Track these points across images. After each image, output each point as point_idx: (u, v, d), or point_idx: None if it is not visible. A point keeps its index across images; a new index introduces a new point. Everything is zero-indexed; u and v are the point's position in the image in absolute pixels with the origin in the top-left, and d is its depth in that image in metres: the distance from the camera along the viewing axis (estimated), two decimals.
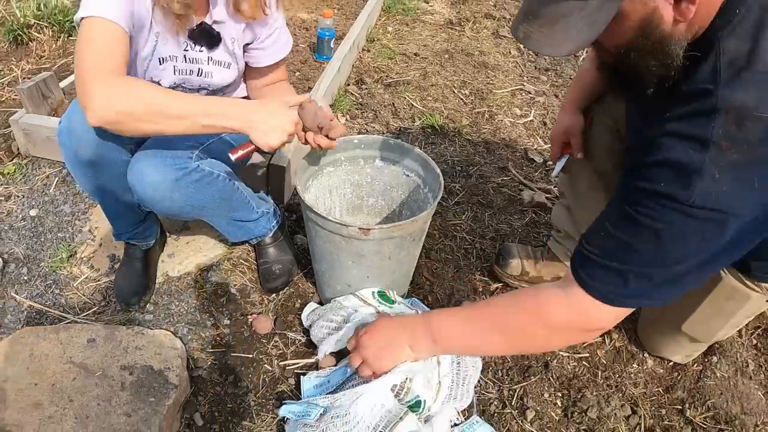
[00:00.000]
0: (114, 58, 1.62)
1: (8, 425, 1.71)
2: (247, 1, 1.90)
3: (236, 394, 1.97)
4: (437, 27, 4.83)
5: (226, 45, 2.01)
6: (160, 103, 1.60)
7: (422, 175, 2.13)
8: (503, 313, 1.66)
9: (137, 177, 1.79)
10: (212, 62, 2.02)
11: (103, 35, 1.63)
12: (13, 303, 2.23)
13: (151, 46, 1.88)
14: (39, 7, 4.14)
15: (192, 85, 2.06)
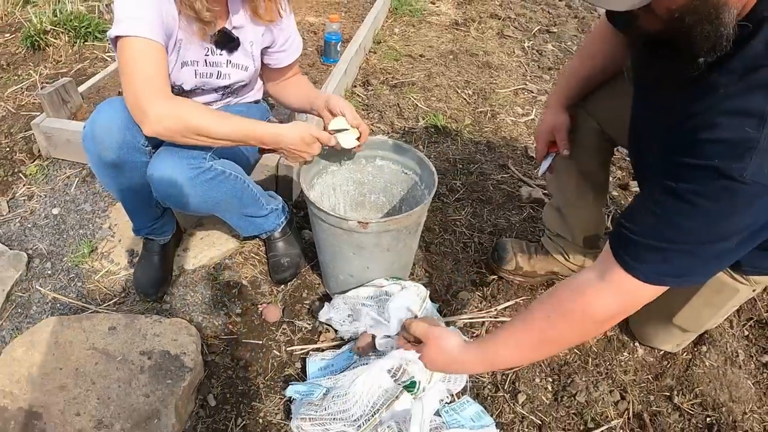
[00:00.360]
0: (160, 77, 1.76)
1: (35, 406, 1.81)
2: (264, 5, 2.01)
3: (247, 378, 2.07)
4: (443, 28, 4.89)
5: (245, 48, 2.12)
6: (205, 126, 1.77)
7: (419, 172, 2.23)
8: (550, 326, 1.54)
9: (156, 175, 1.90)
10: (231, 65, 2.13)
11: (144, 54, 1.74)
12: (38, 295, 2.34)
13: (175, 52, 1.98)
14: (55, 13, 4.22)
15: (210, 86, 2.16)
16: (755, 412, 2.09)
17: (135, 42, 1.73)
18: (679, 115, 1.40)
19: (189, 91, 2.13)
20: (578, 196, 2.25)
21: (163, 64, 1.78)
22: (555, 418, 2.02)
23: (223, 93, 2.24)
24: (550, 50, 4.71)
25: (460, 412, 1.91)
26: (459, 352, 1.71)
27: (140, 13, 1.74)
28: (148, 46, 1.74)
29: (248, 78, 2.23)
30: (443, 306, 2.36)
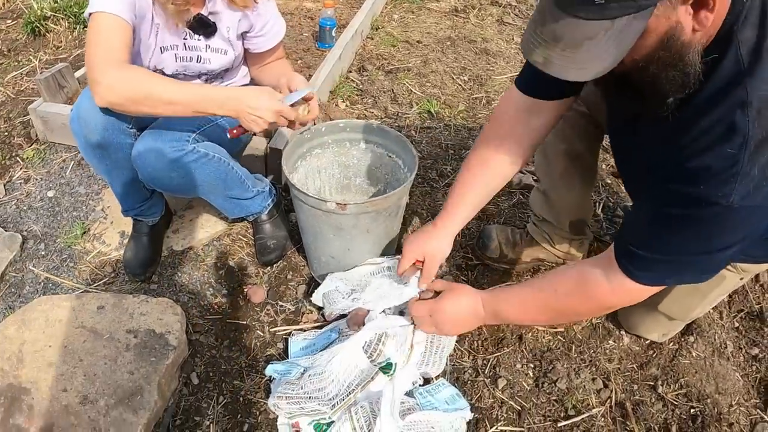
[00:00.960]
0: (118, 48, 1.79)
1: (24, 382, 1.86)
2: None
3: (230, 357, 2.10)
4: (442, 14, 4.88)
5: (222, 33, 2.15)
6: (157, 90, 1.76)
7: (402, 156, 2.25)
8: (556, 299, 1.68)
9: (140, 158, 1.95)
10: (210, 50, 2.16)
11: (108, 28, 1.79)
12: (31, 275, 2.39)
13: (153, 36, 2.03)
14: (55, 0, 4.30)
15: (193, 71, 2.20)
16: (742, 405, 2.08)
17: (101, 17, 1.79)
18: (661, 146, 1.43)
19: (171, 75, 2.17)
20: (565, 179, 2.24)
21: (124, 39, 1.82)
22: (535, 404, 2.03)
23: (206, 78, 2.27)
24: None
25: (434, 394, 1.93)
26: (472, 304, 1.84)
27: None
28: (112, 21, 1.80)
29: (229, 63, 2.25)
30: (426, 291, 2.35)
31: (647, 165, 1.51)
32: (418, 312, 1.93)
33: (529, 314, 1.80)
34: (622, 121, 1.69)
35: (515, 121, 1.90)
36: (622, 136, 1.74)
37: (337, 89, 3.59)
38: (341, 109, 3.40)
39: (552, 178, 2.29)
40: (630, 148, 1.67)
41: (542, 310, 1.76)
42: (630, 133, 1.62)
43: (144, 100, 1.76)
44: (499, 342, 2.21)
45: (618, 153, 1.84)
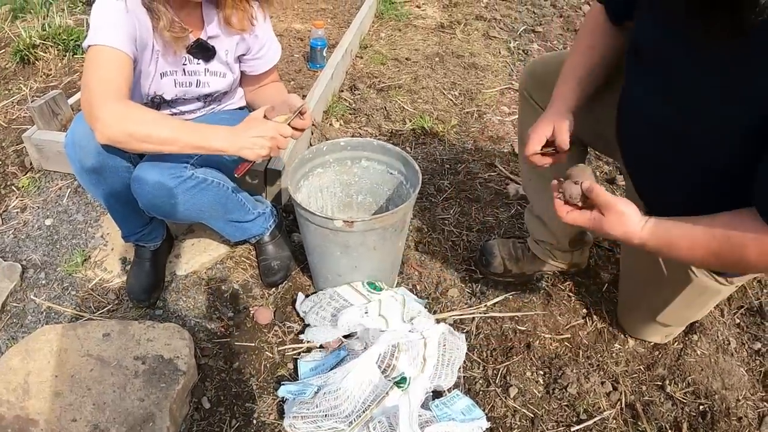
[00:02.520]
0: (118, 84, 1.77)
1: (32, 414, 1.83)
2: (236, 15, 2.05)
3: (240, 379, 2.09)
4: (429, 31, 4.91)
5: (221, 57, 2.15)
6: (155, 129, 1.76)
7: (404, 172, 2.26)
8: (729, 249, 1.44)
9: (139, 186, 1.95)
10: (209, 73, 2.16)
11: (108, 62, 1.78)
12: (33, 305, 2.37)
13: (153, 64, 2.03)
14: (44, 27, 4.24)
15: (191, 95, 2.20)
16: (749, 399, 2.10)
17: (101, 50, 1.78)
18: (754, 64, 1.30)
19: (171, 100, 2.18)
20: None
21: (124, 73, 1.81)
22: (547, 411, 2.04)
23: (205, 101, 2.28)
24: (536, 49, 4.74)
25: (450, 405, 1.94)
26: (637, 229, 1.56)
27: (110, 23, 1.80)
28: (113, 54, 1.79)
29: (228, 86, 2.26)
30: (432, 303, 2.38)
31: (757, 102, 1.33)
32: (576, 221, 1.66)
33: (696, 258, 1.55)
34: (684, 54, 1.49)
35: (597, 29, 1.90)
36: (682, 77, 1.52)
37: (330, 109, 3.60)
38: (336, 128, 3.41)
39: (544, 202, 2.26)
40: (698, 83, 1.48)
41: (712, 257, 1.50)
42: (699, 66, 1.45)
43: (143, 138, 1.75)
44: (508, 351, 2.22)
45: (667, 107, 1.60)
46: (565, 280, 2.52)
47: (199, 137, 1.80)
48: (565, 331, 2.31)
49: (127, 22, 1.83)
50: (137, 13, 1.87)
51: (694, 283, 1.85)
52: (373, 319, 2.09)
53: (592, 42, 1.89)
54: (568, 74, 1.89)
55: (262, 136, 1.85)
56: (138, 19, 1.88)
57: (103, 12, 1.83)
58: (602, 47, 1.88)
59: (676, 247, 1.52)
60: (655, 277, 1.96)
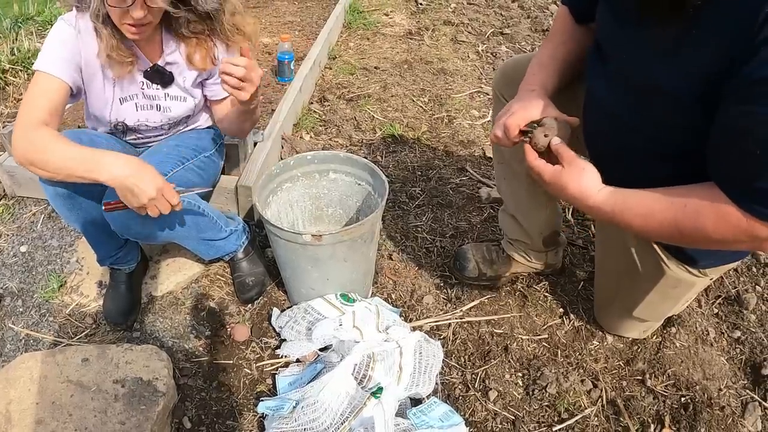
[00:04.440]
0: (42, 110, 1.82)
1: None
2: (198, 53, 2.08)
3: (220, 398, 2.10)
4: (397, 38, 4.93)
5: (178, 84, 2.16)
6: (51, 157, 1.76)
7: (372, 182, 2.28)
8: (683, 215, 1.43)
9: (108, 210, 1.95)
10: (169, 98, 2.17)
11: (40, 88, 1.85)
12: (11, 333, 2.36)
13: (110, 89, 2.06)
14: (13, 52, 4.23)
15: (155, 120, 2.21)
16: (731, 388, 2.13)
17: (39, 76, 1.85)
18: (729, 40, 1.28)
19: (134, 127, 2.20)
20: (531, 201, 2.26)
21: (55, 100, 1.86)
22: (528, 412, 2.05)
23: (170, 125, 2.29)
24: (504, 52, 4.78)
25: (428, 413, 1.95)
26: (594, 189, 1.57)
27: (53, 50, 1.87)
28: (47, 81, 1.85)
29: (190, 110, 2.26)
30: (407, 311, 2.40)
31: (703, 77, 1.35)
32: (540, 171, 1.64)
33: (651, 226, 1.51)
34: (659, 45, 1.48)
35: (567, 27, 1.94)
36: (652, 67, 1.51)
37: (300, 121, 3.61)
38: (306, 141, 3.42)
39: (517, 200, 2.32)
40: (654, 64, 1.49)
41: (668, 226, 1.48)
42: (669, 53, 1.44)
43: (42, 166, 1.78)
44: (485, 355, 2.23)
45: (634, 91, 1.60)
46: (540, 281, 2.54)
47: (87, 169, 1.76)
48: (543, 332, 2.33)
49: (72, 48, 1.89)
50: (86, 39, 1.92)
51: (667, 275, 1.87)
52: (348, 330, 2.10)
53: (564, 38, 1.93)
54: (545, 63, 1.89)
55: (143, 188, 1.75)
56: (86, 45, 1.92)
57: (51, 37, 1.90)
58: (572, 44, 1.91)
59: (631, 213, 1.52)
60: (629, 272, 1.98)
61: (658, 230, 1.51)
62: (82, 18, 1.91)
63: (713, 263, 1.85)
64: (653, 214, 1.49)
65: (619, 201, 1.54)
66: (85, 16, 1.90)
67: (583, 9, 1.85)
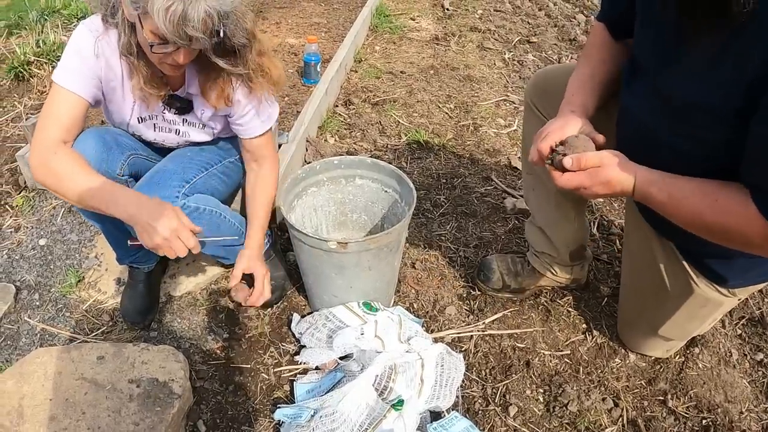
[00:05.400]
0: (61, 128, 1.80)
1: None
2: (213, 91, 1.99)
3: (236, 402, 2.07)
4: (423, 43, 4.93)
5: (196, 114, 2.10)
6: (64, 180, 1.77)
7: (399, 190, 2.26)
8: (711, 210, 1.44)
9: None
10: (187, 124, 2.14)
11: (59, 103, 1.82)
12: (27, 327, 2.35)
13: (129, 106, 2.02)
14: (38, 44, 4.25)
15: (171, 142, 2.19)
16: (752, 411, 2.09)
17: (57, 90, 1.82)
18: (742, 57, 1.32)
19: (150, 142, 2.20)
20: (559, 214, 2.24)
21: (74, 116, 1.84)
22: (548, 429, 2.02)
23: (188, 144, 2.27)
24: (531, 60, 4.75)
25: (448, 428, 1.91)
26: (634, 166, 1.55)
27: (73, 63, 1.83)
28: (66, 97, 1.82)
29: (210, 137, 2.23)
30: (429, 321, 2.37)
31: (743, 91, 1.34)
32: (570, 181, 1.60)
33: (680, 213, 1.52)
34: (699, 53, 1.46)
35: (604, 45, 1.92)
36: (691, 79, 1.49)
37: (325, 124, 3.60)
38: (330, 144, 3.41)
39: (546, 213, 2.29)
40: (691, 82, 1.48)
41: (695, 216, 1.49)
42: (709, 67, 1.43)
43: (53, 186, 1.79)
44: (507, 369, 2.20)
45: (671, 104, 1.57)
46: (564, 296, 2.50)
47: (105, 204, 1.76)
48: (565, 347, 2.29)
49: (92, 63, 1.84)
50: (109, 59, 1.87)
51: (696, 293, 1.84)
52: (369, 340, 2.07)
53: (602, 56, 1.91)
54: (587, 83, 1.88)
55: (157, 228, 1.72)
56: (107, 63, 1.88)
57: (72, 46, 1.84)
58: (610, 61, 1.89)
59: (664, 198, 1.51)
60: (656, 289, 1.95)
61: (685, 216, 1.51)
62: (107, 34, 1.85)
63: (743, 283, 1.82)
64: (687, 199, 1.48)
65: (657, 181, 1.53)
66: (110, 32, 1.85)
67: (621, 25, 1.83)
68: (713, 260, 1.77)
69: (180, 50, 1.72)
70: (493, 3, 6.33)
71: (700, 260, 1.81)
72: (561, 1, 6.44)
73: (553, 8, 6.09)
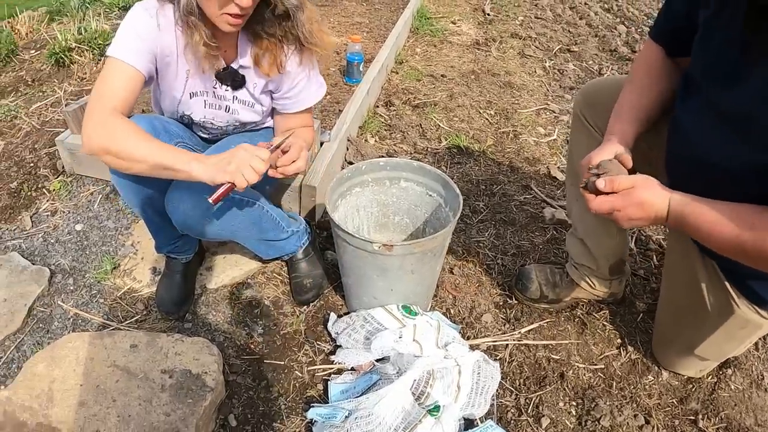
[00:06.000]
0: (117, 99, 1.76)
1: (54, 422, 1.81)
2: (266, 58, 2.01)
3: (268, 398, 2.06)
4: (464, 47, 4.91)
5: (248, 89, 2.11)
6: (131, 146, 1.70)
7: (443, 194, 2.23)
8: (750, 234, 1.41)
9: (173, 206, 1.93)
10: (237, 101, 2.13)
11: (114, 75, 1.78)
12: (60, 311, 2.35)
13: (182, 82, 2.01)
14: (80, 31, 4.28)
15: (221, 120, 2.18)
16: None
17: (113, 62, 1.79)
18: None
19: (199, 123, 2.18)
20: (601, 227, 2.21)
21: (128, 88, 1.80)
22: None
23: (234, 129, 2.27)
24: (572, 70, 4.72)
25: None
26: (667, 191, 1.55)
27: (129, 38, 1.81)
28: (121, 68, 1.78)
29: (258, 116, 2.23)
30: (466, 328, 2.34)
31: None
32: (602, 205, 1.61)
33: (716, 238, 1.49)
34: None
35: (654, 68, 1.90)
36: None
37: (366, 124, 3.59)
38: (371, 144, 3.39)
39: (588, 225, 2.26)
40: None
41: (732, 241, 1.45)
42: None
43: (118, 154, 1.71)
44: (541, 380, 2.18)
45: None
46: (600, 309, 2.47)
47: (171, 159, 1.73)
48: (599, 361, 2.26)
49: (150, 39, 1.84)
50: (166, 32, 1.87)
51: (736, 314, 1.82)
52: (407, 344, 2.05)
53: (650, 80, 1.88)
54: (627, 112, 1.86)
55: (228, 157, 1.75)
56: (165, 37, 1.87)
57: (129, 24, 1.83)
58: (658, 87, 1.87)
59: (703, 218, 1.49)
60: (695, 308, 1.93)
61: (722, 240, 1.48)
62: (163, 9, 1.86)
63: None
64: (722, 224, 1.46)
65: (691, 203, 1.51)
66: (166, 6, 1.85)
67: (677, 42, 1.81)
68: (756, 281, 1.74)
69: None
70: (534, 10, 6.32)
71: (742, 281, 1.78)
72: (602, 10, 6.41)
73: (594, 17, 6.05)
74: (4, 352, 2.20)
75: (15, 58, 4.38)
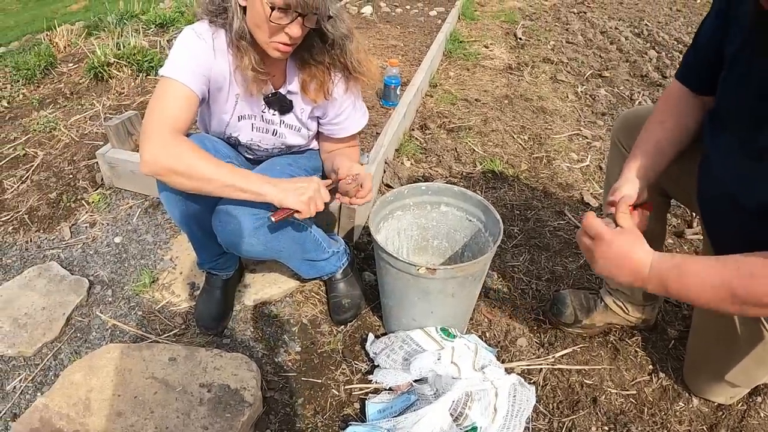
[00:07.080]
0: (175, 119, 1.79)
1: (91, 430, 1.84)
2: (313, 84, 2.06)
3: (305, 415, 2.07)
4: (497, 72, 4.93)
5: (296, 113, 2.16)
6: (201, 167, 1.75)
7: (483, 220, 2.25)
8: (738, 279, 1.38)
9: (221, 225, 1.96)
10: (284, 125, 2.18)
11: (171, 96, 1.82)
12: (98, 321, 2.38)
13: (231, 105, 2.06)
14: (118, 46, 4.36)
15: (268, 143, 2.22)
16: None
17: (168, 83, 1.82)
18: None
19: (245, 145, 2.22)
20: None
21: (185, 109, 1.83)
22: None
23: (279, 152, 2.31)
24: (603, 95, 4.72)
25: None
26: (641, 260, 1.55)
27: (184, 60, 1.85)
28: (178, 89, 1.82)
29: (304, 140, 2.27)
30: (501, 352, 2.35)
31: None
32: (590, 229, 1.63)
33: (704, 295, 1.45)
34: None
35: (678, 106, 1.90)
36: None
37: (402, 147, 3.61)
38: (407, 167, 3.42)
39: None
40: None
41: (720, 291, 1.42)
42: None
43: (184, 173, 1.74)
44: (574, 404, 2.18)
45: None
46: (632, 335, 2.47)
47: (244, 181, 1.79)
48: (631, 387, 2.26)
49: (203, 62, 1.88)
50: (220, 57, 1.91)
51: (766, 340, 1.82)
52: (446, 365, 2.06)
53: (675, 120, 1.89)
54: (650, 149, 1.87)
55: (305, 187, 1.86)
56: (218, 61, 1.92)
57: (183, 46, 1.87)
58: (685, 122, 1.87)
59: (688, 277, 1.47)
60: (726, 334, 1.93)
61: (713, 295, 1.45)
62: (218, 33, 1.91)
63: None
64: (709, 276, 1.44)
65: (676, 262, 1.50)
66: (220, 31, 1.91)
67: (705, 81, 1.80)
68: None
69: (296, 22, 1.77)
70: (565, 34, 6.34)
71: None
72: (632, 35, 6.42)
73: (625, 42, 6.07)
74: (41, 360, 2.23)
75: (53, 71, 4.46)
